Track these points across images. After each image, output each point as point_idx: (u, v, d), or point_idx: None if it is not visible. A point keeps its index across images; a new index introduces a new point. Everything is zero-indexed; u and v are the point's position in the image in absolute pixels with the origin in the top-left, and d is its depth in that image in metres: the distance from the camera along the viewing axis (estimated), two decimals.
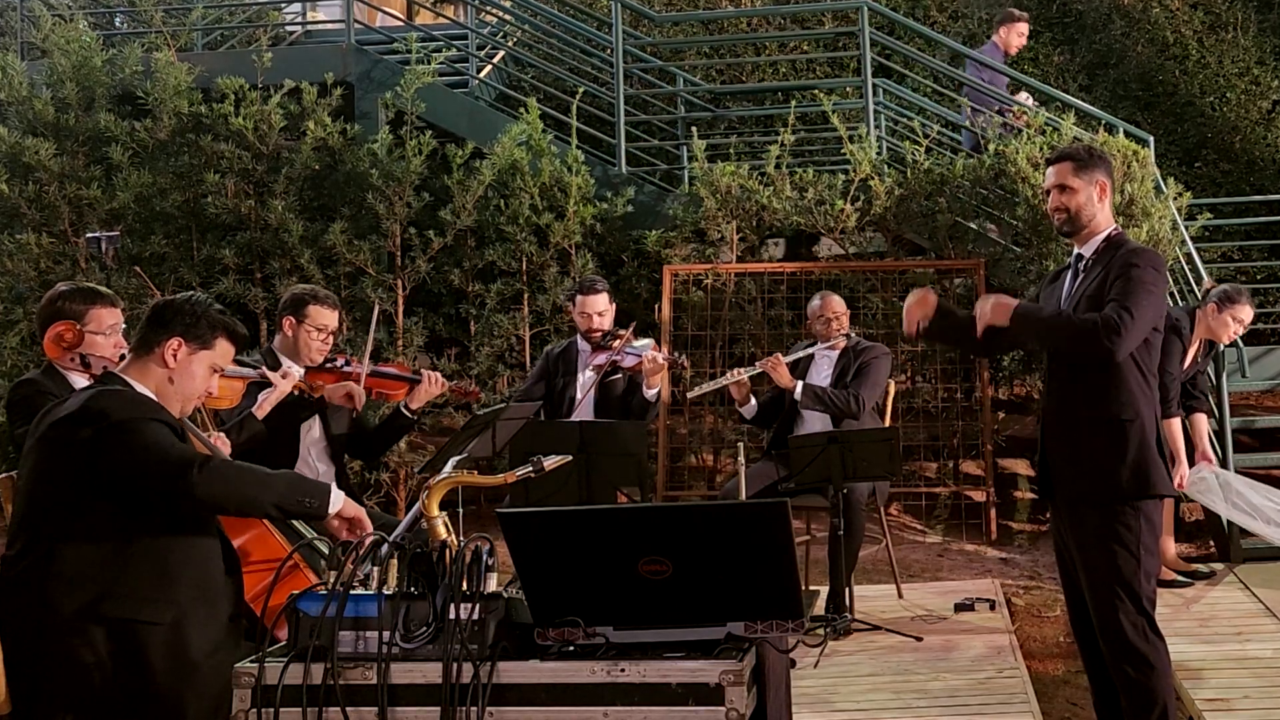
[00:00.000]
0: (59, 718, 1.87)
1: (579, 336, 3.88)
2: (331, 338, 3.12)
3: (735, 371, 3.83)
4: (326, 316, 3.08)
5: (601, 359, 3.74)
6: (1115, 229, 2.49)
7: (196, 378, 2.02)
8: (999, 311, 2.36)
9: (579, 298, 3.81)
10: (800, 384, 3.83)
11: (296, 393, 2.99)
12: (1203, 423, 4.05)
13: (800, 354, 3.98)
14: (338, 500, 1.95)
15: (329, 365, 3.12)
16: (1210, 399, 4.22)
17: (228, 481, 1.87)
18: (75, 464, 1.88)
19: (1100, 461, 2.35)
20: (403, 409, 3.21)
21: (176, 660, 1.86)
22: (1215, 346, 4.09)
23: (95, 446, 1.86)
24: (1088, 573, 2.39)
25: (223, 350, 2.06)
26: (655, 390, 3.73)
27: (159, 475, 1.85)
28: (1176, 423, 3.78)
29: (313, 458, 3.09)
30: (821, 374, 3.97)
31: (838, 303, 4.00)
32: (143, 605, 1.86)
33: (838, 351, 3.94)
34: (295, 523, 2.33)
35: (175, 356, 2.00)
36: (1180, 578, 4.02)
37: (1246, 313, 3.86)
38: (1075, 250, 2.51)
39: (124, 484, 1.88)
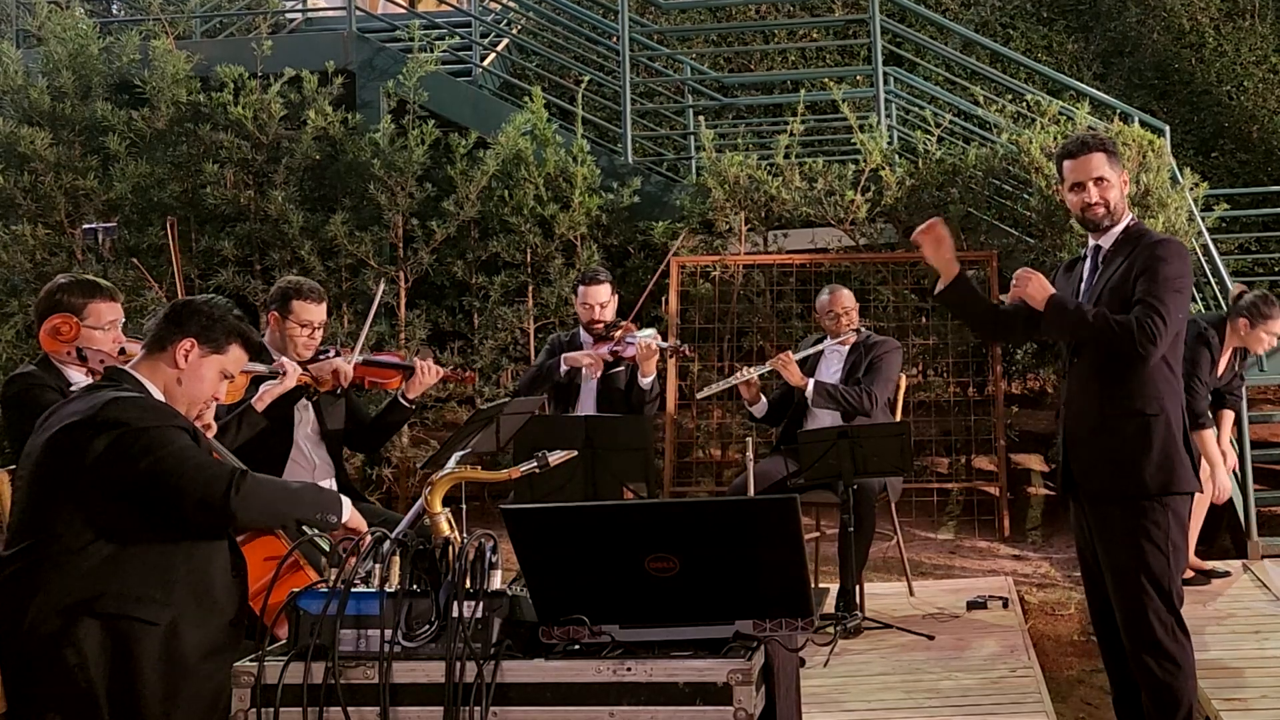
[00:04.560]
0: (49, 717, 1.84)
1: (581, 328, 3.86)
2: (319, 333, 3.06)
3: (745, 370, 3.78)
4: (311, 312, 3.02)
5: (603, 349, 3.70)
6: (1133, 219, 2.46)
7: (205, 381, 2.00)
8: (1038, 288, 2.29)
9: (580, 288, 3.82)
10: (812, 382, 3.77)
11: (301, 385, 2.94)
12: (1228, 419, 3.95)
13: (809, 351, 3.92)
14: (348, 511, 1.98)
15: (320, 358, 3.06)
16: (1244, 401, 4.09)
17: (262, 500, 1.90)
18: (87, 470, 1.85)
19: (1126, 457, 2.32)
20: (400, 398, 3.15)
21: (169, 662, 1.83)
22: (1248, 353, 3.96)
23: (114, 454, 1.85)
24: (1114, 569, 2.35)
25: (235, 356, 2.04)
26: (650, 379, 3.69)
27: (196, 492, 1.86)
28: (1209, 434, 3.67)
29: (308, 449, 3.05)
30: (831, 370, 3.92)
31: (846, 297, 3.94)
32: (139, 604, 1.84)
33: (848, 346, 3.89)
34: None
35: (186, 358, 1.98)
36: (1198, 575, 3.94)
37: (1279, 325, 3.74)
38: (1092, 242, 2.46)
39: (151, 493, 1.87)
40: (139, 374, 1.97)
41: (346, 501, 1.98)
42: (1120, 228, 2.40)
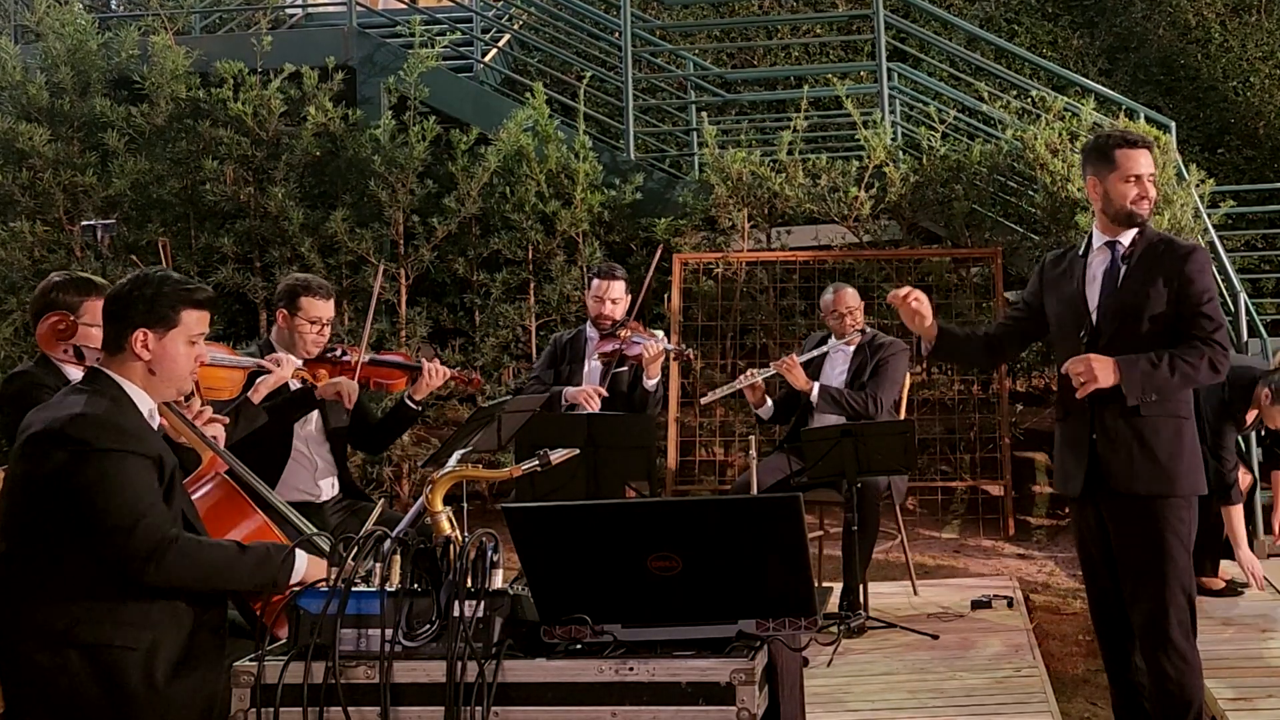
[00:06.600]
0: None
1: (588, 323, 3.83)
2: (328, 329, 3.05)
3: (749, 373, 3.76)
4: (320, 308, 3.01)
5: (608, 348, 3.68)
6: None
7: (177, 359, 1.93)
8: (1103, 370, 2.32)
9: (595, 281, 3.77)
10: (817, 386, 3.75)
11: (298, 381, 2.91)
12: None
13: (814, 353, 3.89)
14: (300, 568, 1.88)
15: (327, 356, 3.04)
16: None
17: (186, 571, 1.80)
18: (44, 482, 1.82)
19: (1166, 458, 2.36)
20: (406, 400, 3.14)
21: (153, 683, 1.80)
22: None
23: (70, 472, 1.80)
24: (1138, 568, 2.36)
25: (192, 319, 1.95)
26: (655, 381, 3.66)
27: (117, 536, 1.77)
28: (1238, 510, 3.56)
29: (310, 451, 3.03)
30: (837, 371, 3.89)
31: (851, 296, 3.90)
32: (117, 630, 1.80)
33: (853, 347, 3.86)
34: (294, 519, 2.26)
35: (147, 347, 1.92)
36: (1226, 585, 3.85)
37: None
38: (1106, 236, 2.44)
39: (83, 516, 1.80)
40: (113, 372, 1.92)
41: (302, 560, 1.88)
42: (1136, 227, 2.43)
